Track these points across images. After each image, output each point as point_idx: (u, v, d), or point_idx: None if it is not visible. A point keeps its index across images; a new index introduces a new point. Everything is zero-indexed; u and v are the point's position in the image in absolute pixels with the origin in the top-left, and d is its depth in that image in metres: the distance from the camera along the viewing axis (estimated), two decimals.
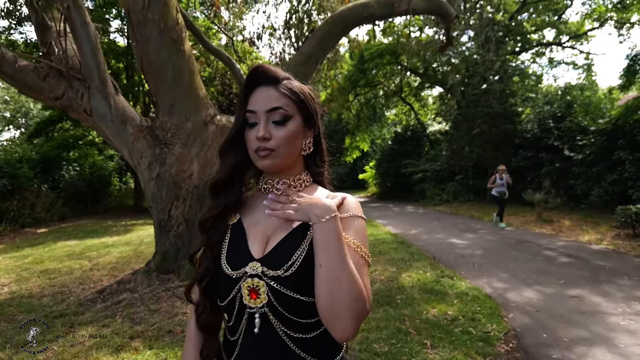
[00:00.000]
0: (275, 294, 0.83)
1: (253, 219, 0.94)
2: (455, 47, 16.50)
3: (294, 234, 0.88)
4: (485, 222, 10.45)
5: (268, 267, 0.84)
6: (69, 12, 4.68)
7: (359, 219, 0.91)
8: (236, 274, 0.85)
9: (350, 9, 5.90)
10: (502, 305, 4.17)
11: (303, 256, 0.84)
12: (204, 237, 0.93)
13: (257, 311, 0.84)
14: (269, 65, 0.95)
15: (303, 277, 0.82)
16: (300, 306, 0.83)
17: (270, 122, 0.90)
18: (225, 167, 0.94)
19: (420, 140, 19.31)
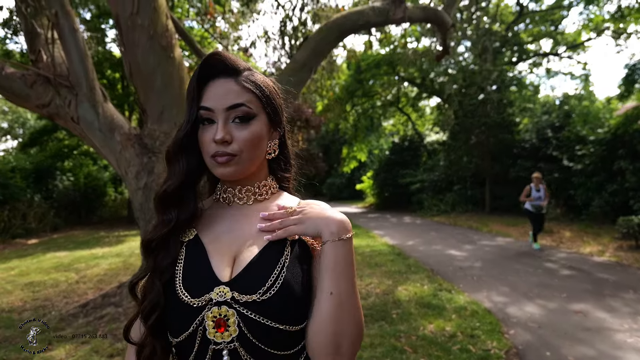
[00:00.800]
0: (248, 324, 0.67)
1: (213, 235, 0.78)
2: (453, 57, 16.53)
3: (267, 251, 0.73)
4: (483, 232, 10.29)
5: (240, 291, 0.68)
6: (57, 18, 4.59)
7: (349, 241, 0.77)
8: (197, 302, 0.69)
9: (345, 16, 5.82)
10: (503, 320, 3.99)
11: (283, 276, 0.70)
12: (150, 261, 0.75)
13: (224, 347, 0.67)
14: (228, 53, 0.79)
15: (283, 301, 0.68)
16: (279, 337, 0.68)
17: (231, 121, 0.75)
18: (176, 176, 0.77)
19: (418, 150, 19.22)
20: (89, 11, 12.60)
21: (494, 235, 9.74)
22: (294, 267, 0.72)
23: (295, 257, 0.73)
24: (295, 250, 0.74)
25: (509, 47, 16.46)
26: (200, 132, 0.76)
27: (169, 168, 0.79)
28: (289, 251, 0.73)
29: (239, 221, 0.79)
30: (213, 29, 9.05)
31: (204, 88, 0.77)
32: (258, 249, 0.74)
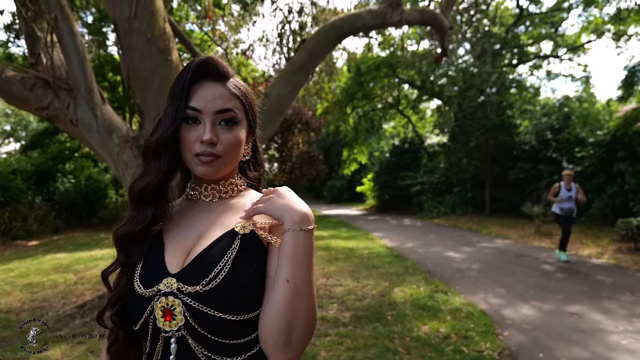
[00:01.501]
0: (193, 314, 0.70)
1: (174, 231, 0.82)
2: (452, 59, 16.56)
3: (218, 243, 0.76)
4: (482, 234, 10.29)
5: (185, 282, 0.72)
6: (56, 22, 4.64)
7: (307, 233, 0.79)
8: (148, 292, 0.73)
9: (342, 19, 5.85)
10: (498, 322, 4.00)
11: (228, 267, 0.72)
12: (122, 256, 0.79)
13: (172, 335, 0.71)
14: (220, 59, 0.84)
15: (227, 291, 0.71)
16: (225, 326, 0.70)
17: (217, 123, 0.79)
18: (156, 172, 0.79)
19: (418, 152, 19.23)
20: (90, 14, 12.68)
21: (493, 238, 9.74)
22: (243, 259, 0.74)
23: (245, 250, 0.75)
24: (246, 244, 0.76)
25: (509, 49, 16.47)
26: (182, 130, 0.79)
27: (147, 164, 0.81)
28: (239, 244, 0.75)
29: (201, 217, 0.83)
30: (212, 32, 9.10)
31: (191, 89, 0.80)
32: (209, 242, 0.77)
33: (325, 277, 5.65)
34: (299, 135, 17.81)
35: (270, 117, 5.47)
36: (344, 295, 4.82)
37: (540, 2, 16.56)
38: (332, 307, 4.39)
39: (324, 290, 5.01)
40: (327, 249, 8.13)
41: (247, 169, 0.93)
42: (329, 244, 8.67)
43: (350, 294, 4.87)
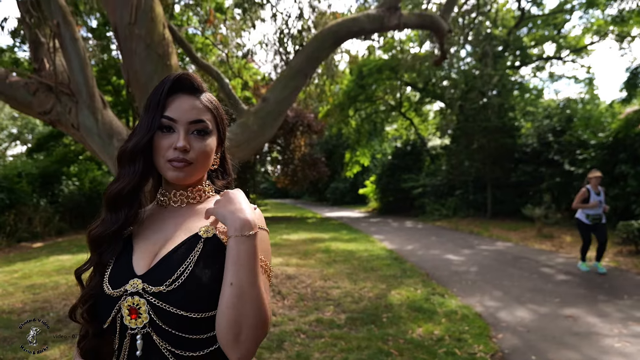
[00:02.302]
0: (157, 312, 0.76)
1: (143, 234, 0.87)
2: (452, 61, 16.57)
3: (182, 247, 0.82)
4: (483, 237, 10.29)
5: (149, 283, 0.77)
6: (58, 28, 4.73)
7: (262, 232, 0.85)
8: (116, 292, 0.79)
9: (340, 23, 5.90)
10: (492, 325, 4.02)
11: (190, 270, 0.78)
12: (95, 256, 0.85)
13: (138, 332, 0.77)
14: (195, 75, 0.92)
15: (189, 292, 0.76)
16: (187, 323, 0.76)
17: (190, 133, 0.86)
18: (132, 176, 0.84)
19: (420, 154, 19.24)
20: (95, 19, 12.83)
21: (494, 240, 9.73)
22: (204, 261, 0.79)
23: (207, 253, 0.81)
24: (208, 247, 0.82)
25: (511, 51, 16.47)
26: (157, 137, 0.85)
27: (122, 169, 0.86)
28: (201, 247, 0.81)
29: (169, 222, 0.89)
30: (214, 37, 9.19)
31: (167, 100, 0.86)
32: (174, 245, 0.82)
33: (323, 280, 5.69)
34: (301, 137, 17.91)
35: (269, 120, 5.54)
36: (340, 297, 4.86)
37: (542, 4, 16.54)
38: (329, 309, 4.43)
39: (321, 292, 5.06)
40: (327, 251, 8.17)
41: (216, 178, 1.00)
42: (329, 247, 8.71)
43: (347, 296, 4.90)
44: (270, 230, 12.36)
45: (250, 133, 5.36)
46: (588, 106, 14.68)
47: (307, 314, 4.24)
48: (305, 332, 3.77)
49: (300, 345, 3.48)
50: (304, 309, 4.41)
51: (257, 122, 5.42)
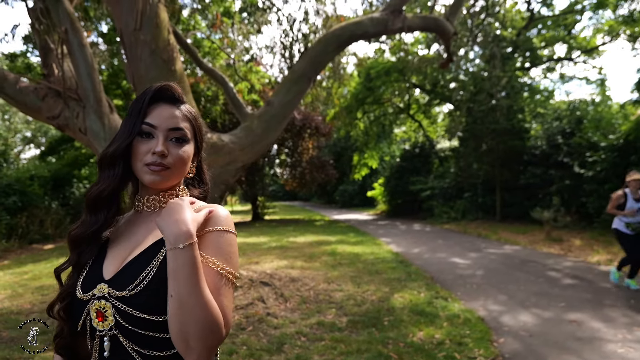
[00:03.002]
0: (122, 315, 0.79)
1: (117, 240, 0.91)
2: (462, 63, 16.49)
3: (147, 252, 0.85)
4: (491, 240, 10.20)
5: (114, 288, 0.81)
6: (66, 34, 4.84)
7: (227, 234, 0.86)
8: (85, 297, 0.83)
9: (343, 27, 5.93)
10: (495, 329, 3.99)
11: (152, 274, 0.80)
12: (74, 256, 0.88)
13: (105, 334, 0.80)
14: (176, 86, 0.96)
15: (151, 296, 0.79)
16: (152, 325, 0.79)
17: (169, 139, 0.89)
18: (111, 179, 0.88)
19: (429, 157, 19.15)
20: (105, 24, 13.05)
21: (502, 244, 9.64)
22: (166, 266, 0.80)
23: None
24: None
25: (520, 52, 16.32)
26: (136, 143, 0.88)
27: (103, 172, 0.89)
28: (165, 252, 0.82)
29: (141, 227, 0.92)
30: (221, 41, 9.29)
31: (149, 108, 0.90)
32: (140, 251, 0.85)
33: (327, 282, 5.70)
34: (309, 140, 17.95)
35: (273, 124, 5.58)
36: (343, 300, 4.86)
37: (552, 5, 16.38)
38: (331, 312, 4.44)
39: (324, 295, 5.07)
40: (332, 254, 8.17)
41: (192, 186, 1.02)
42: (335, 249, 8.72)
43: (349, 299, 4.91)
44: (278, 232, 12.51)
45: (255, 137, 5.40)
46: (599, 108, 14.45)
47: (309, 317, 4.26)
48: (306, 334, 3.79)
49: (300, 347, 3.49)
50: (306, 312, 4.43)
51: (261, 126, 5.47)
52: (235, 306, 4.37)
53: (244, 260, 7.41)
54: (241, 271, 5.66)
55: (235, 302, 4.47)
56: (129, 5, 4.51)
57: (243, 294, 4.70)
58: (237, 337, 3.69)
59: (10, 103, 5.80)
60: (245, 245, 9.70)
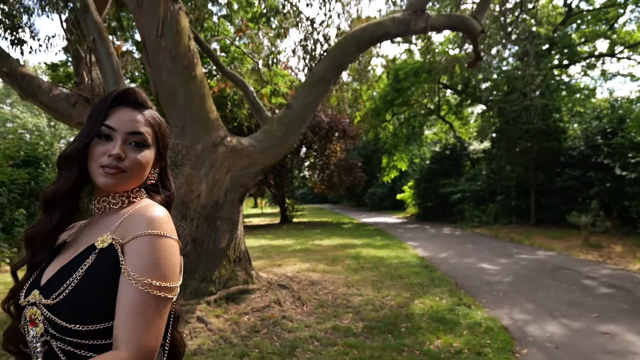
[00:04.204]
0: (49, 322, 0.79)
1: (70, 243, 0.90)
2: (495, 62, 15.95)
3: (76, 259, 0.83)
4: (524, 245, 9.77)
5: (44, 295, 0.80)
6: (94, 44, 5.04)
7: (153, 238, 0.79)
8: (24, 302, 0.83)
9: (364, 28, 5.87)
10: (518, 339, 3.80)
11: (75, 283, 0.78)
12: (29, 255, 0.88)
13: (38, 340, 0.80)
14: (141, 91, 0.95)
15: (72, 305, 0.77)
16: (76, 333, 0.77)
17: (128, 143, 0.88)
18: (67, 180, 0.87)
19: (460, 159, 18.64)
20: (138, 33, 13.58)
21: (535, 249, 9.22)
22: (94, 274, 0.79)
23: (99, 264, 0.80)
24: (102, 257, 0.80)
25: (558, 49, 15.60)
26: (94, 144, 0.87)
27: (60, 172, 0.89)
28: (94, 258, 0.80)
29: (91, 230, 0.90)
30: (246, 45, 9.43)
31: (111, 111, 0.89)
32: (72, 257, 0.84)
33: (347, 286, 5.64)
34: (336, 143, 17.91)
35: (292, 127, 5.59)
36: (361, 305, 4.78)
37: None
38: (347, 316, 4.38)
39: (342, 299, 5.01)
40: (356, 257, 8.09)
41: (155, 192, 0.99)
42: (360, 253, 8.62)
43: (368, 304, 4.82)
44: (304, 235, 12.53)
45: (274, 140, 5.43)
46: None
47: (325, 321, 4.21)
48: (320, 339, 3.74)
49: (312, 352, 3.46)
50: (322, 316, 4.39)
51: (281, 129, 5.49)
52: (251, 309, 4.39)
53: (267, 263, 7.46)
54: (261, 274, 5.69)
55: (252, 305, 4.50)
56: (151, 13, 4.65)
57: (260, 297, 4.72)
58: (250, 339, 3.70)
59: (44, 110, 6.13)
60: (270, 247, 9.78)
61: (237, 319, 4.15)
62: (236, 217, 5.05)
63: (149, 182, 0.96)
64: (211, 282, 4.63)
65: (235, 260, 4.96)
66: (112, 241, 0.81)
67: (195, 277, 4.64)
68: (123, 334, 0.74)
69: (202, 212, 4.78)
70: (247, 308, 4.41)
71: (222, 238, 4.85)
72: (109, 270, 0.79)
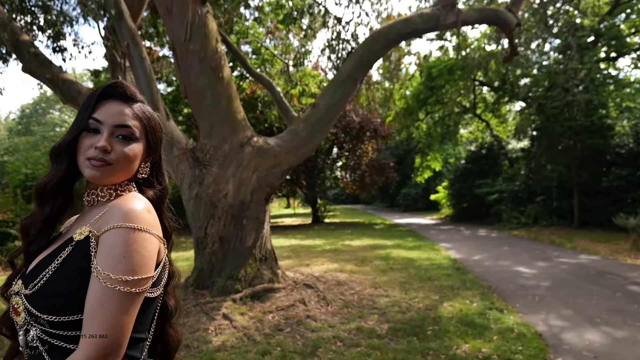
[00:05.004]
0: (28, 312, 0.81)
1: (62, 235, 0.92)
2: (535, 56, 15.27)
3: (55, 250, 0.85)
4: (565, 248, 9.27)
5: (24, 284, 0.83)
6: (128, 49, 5.24)
7: (125, 231, 0.79)
8: (12, 290, 0.86)
9: (391, 25, 5.77)
10: (553, 346, 3.60)
11: (49, 274, 0.80)
12: (24, 244, 0.91)
13: (21, 327, 0.82)
14: (129, 84, 0.96)
15: (46, 296, 0.79)
16: (52, 323, 0.79)
17: (115, 136, 0.89)
18: (57, 172, 0.89)
19: (497, 158, 17.96)
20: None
21: (577, 253, 8.72)
22: (70, 266, 0.80)
23: (75, 256, 0.81)
24: (78, 250, 0.81)
25: (604, 41, 14.70)
26: (82, 137, 0.88)
27: (52, 165, 0.91)
28: (70, 250, 0.82)
29: (79, 221, 0.92)
30: (275, 47, 9.52)
31: (99, 104, 0.91)
32: (54, 248, 0.85)
33: (374, 287, 5.56)
34: (368, 143, 17.76)
35: (318, 126, 5.58)
36: (387, 306, 4.69)
37: None
38: (372, 317, 4.31)
39: (367, 300, 4.94)
40: (385, 258, 7.97)
41: (146, 187, 0.99)
42: (390, 254, 8.49)
43: (394, 305, 4.73)
44: (334, 235, 12.51)
45: (300, 140, 5.44)
46: None
47: (349, 322, 4.16)
48: (343, 339, 3.70)
49: (334, 352, 3.42)
50: (347, 316, 4.34)
51: (307, 129, 5.49)
52: (275, 307, 4.41)
53: (295, 262, 7.49)
54: (288, 273, 5.71)
55: (277, 303, 4.52)
56: (180, 18, 4.78)
57: (285, 296, 4.73)
58: (273, 337, 3.71)
59: None
60: (300, 247, 9.82)
61: (261, 317, 4.18)
62: (262, 216, 5.10)
63: (140, 176, 0.97)
64: (237, 280, 4.70)
65: (261, 259, 5.01)
66: (89, 233, 0.82)
67: (222, 274, 4.72)
68: (84, 329, 0.75)
69: (229, 211, 4.86)
70: (271, 306, 4.44)
71: (248, 237, 4.91)
72: (83, 262, 0.80)
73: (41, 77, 5.60)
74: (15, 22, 5.33)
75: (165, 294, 0.98)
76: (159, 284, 0.90)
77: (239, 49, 8.25)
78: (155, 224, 0.87)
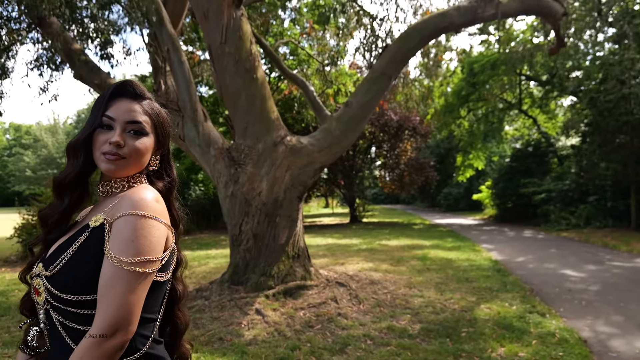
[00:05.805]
0: (49, 292, 0.87)
1: (78, 223, 1.00)
2: (588, 48, 14.38)
3: (73, 235, 0.92)
4: (620, 251, 8.66)
5: (45, 267, 0.90)
6: (168, 53, 5.48)
7: (135, 218, 0.86)
8: (33, 273, 0.93)
9: (426, 20, 5.65)
10: (598, 353, 3.39)
11: (68, 258, 0.87)
12: (43, 234, 0.99)
13: (41, 307, 0.90)
14: (139, 83, 1.03)
15: (66, 277, 0.86)
16: (67, 302, 0.85)
17: (127, 131, 0.96)
18: (74, 167, 0.96)
19: (545, 156, 17.07)
20: None
21: (633, 256, 8.13)
22: (87, 250, 0.87)
23: (91, 242, 0.88)
24: (94, 236, 0.89)
25: None
26: (97, 134, 0.96)
27: (68, 161, 0.99)
28: (87, 236, 0.89)
29: (90, 212, 0.99)
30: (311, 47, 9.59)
31: (111, 102, 0.98)
32: (72, 234, 0.92)
33: (408, 287, 5.46)
34: (407, 142, 17.46)
35: (351, 125, 5.57)
36: (421, 306, 4.60)
37: None
38: (405, 317, 4.24)
39: (401, 299, 4.86)
40: (422, 258, 7.81)
41: (157, 179, 1.06)
42: (427, 254, 8.31)
43: (428, 306, 4.63)
44: (372, 235, 12.41)
45: (333, 138, 5.45)
46: None
47: (380, 321, 4.13)
48: (373, 338, 3.68)
49: (363, 350, 3.41)
50: (378, 315, 4.30)
51: (340, 128, 5.49)
52: (307, 304, 4.45)
53: (330, 261, 7.51)
54: (322, 271, 5.74)
55: (308, 300, 4.56)
56: (215, 22, 4.94)
57: (317, 293, 4.76)
58: (304, 334, 3.75)
59: None
60: (336, 246, 9.83)
61: (292, 314, 4.23)
62: (295, 214, 5.16)
63: (151, 168, 1.03)
64: (270, 277, 4.78)
65: (294, 256, 5.07)
66: (103, 220, 0.90)
67: (256, 271, 4.83)
68: (97, 307, 0.82)
69: (263, 209, 4.96)
70: (303, 303, 4.48)
71: (281, 234, 4.98)
72: (98, 246, 0.87)
73: (91, 83, 5.97)
74: (67, 32, 5.71)
75: (174, 279, 1.06)
76: (167, 268, 0.96)
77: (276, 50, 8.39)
78: (164, 213, 0.94)
